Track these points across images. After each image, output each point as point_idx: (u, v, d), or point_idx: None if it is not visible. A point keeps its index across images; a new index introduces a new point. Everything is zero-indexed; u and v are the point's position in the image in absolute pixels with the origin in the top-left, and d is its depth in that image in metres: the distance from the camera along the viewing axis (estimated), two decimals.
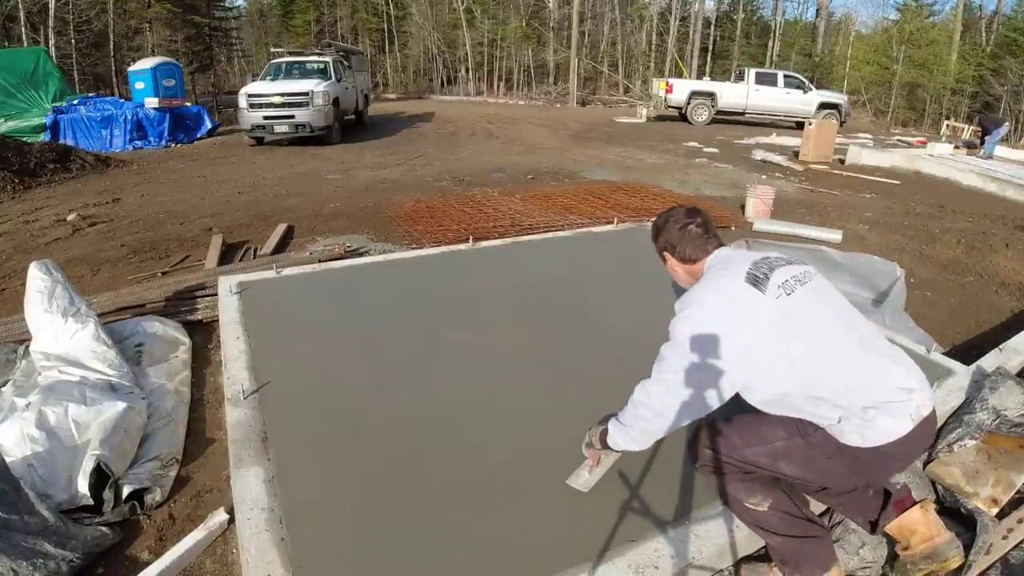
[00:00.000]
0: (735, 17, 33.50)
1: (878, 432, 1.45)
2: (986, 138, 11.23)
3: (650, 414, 1.58)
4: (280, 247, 4.96)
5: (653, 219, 1.92)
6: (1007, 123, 12.50)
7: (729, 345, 1.46)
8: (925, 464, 2.23)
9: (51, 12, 20.17)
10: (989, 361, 2.76)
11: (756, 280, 1.50)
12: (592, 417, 1.95)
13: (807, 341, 1.47)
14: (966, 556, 1.78)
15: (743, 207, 6.31)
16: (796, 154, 10.97)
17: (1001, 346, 2.95)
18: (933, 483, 2.17)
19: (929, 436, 1.57)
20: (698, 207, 1.81)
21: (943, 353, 3.01)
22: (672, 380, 1.52)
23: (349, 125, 13.60)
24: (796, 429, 1.56)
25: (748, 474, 1.63)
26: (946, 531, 1.72)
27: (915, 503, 1.73)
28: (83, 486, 2.02)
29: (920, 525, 1.70)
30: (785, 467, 1.59)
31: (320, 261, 4.04)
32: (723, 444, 1.64)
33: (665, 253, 1.76)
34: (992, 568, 1.78)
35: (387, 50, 35.33)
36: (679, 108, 17.26)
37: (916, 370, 1.54)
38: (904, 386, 1.47)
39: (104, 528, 1.93)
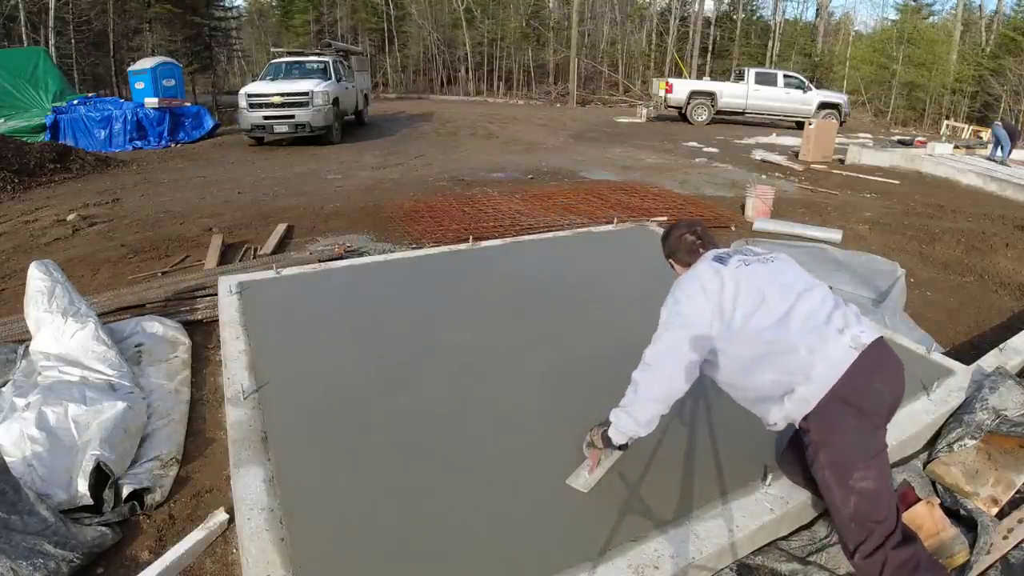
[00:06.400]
0: (735, 17, 33.47)
1: (827, 370, 1.56)
2: (1000, 143, 10.60)
3: (651, 382, 1.72)
4: (280, 247, 4.96)
5: (653, 220, 2.07)
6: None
7: (701, 305, 1.69)
8: (925, 464, 2.24)
9: (51, 12, 20.10)
10: (989, 361, 2.76)
11: (721, 259, 1.79)
12: (592, 416, 1.95)
13: (752, 301, 1.67)
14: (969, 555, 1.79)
15: (743, 207, 6.31)
16: (796, 154, 10.97)
17: (1001, 346, 2.95)
18: (933, 483, 2.17)
19: (887, 355, 1.63)
20: (698, 220, 2.09)
21: (943, 353, 3.01)
22: (665, 343, 1.71)
23: (349, 125, 13.60)
24: (814, 446, 1.61)
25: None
26: (952, 527, 1.74)
27: (919, 500, 1.74)
28: (83, 486, 2.02)
29: (927, 520, 1.72)
30: (846, 463, 1.58)
31: (320, 261, 4.04)
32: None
33: (670, 260, 2.02)
34: (992, 568, 1.78)
35: (387, 50, 35.28)
36: (679, 108, 17.24)
37: (851, 315, 1.67)
38: (837, 327, 1.61)
39: (104, 528, 1.93)
